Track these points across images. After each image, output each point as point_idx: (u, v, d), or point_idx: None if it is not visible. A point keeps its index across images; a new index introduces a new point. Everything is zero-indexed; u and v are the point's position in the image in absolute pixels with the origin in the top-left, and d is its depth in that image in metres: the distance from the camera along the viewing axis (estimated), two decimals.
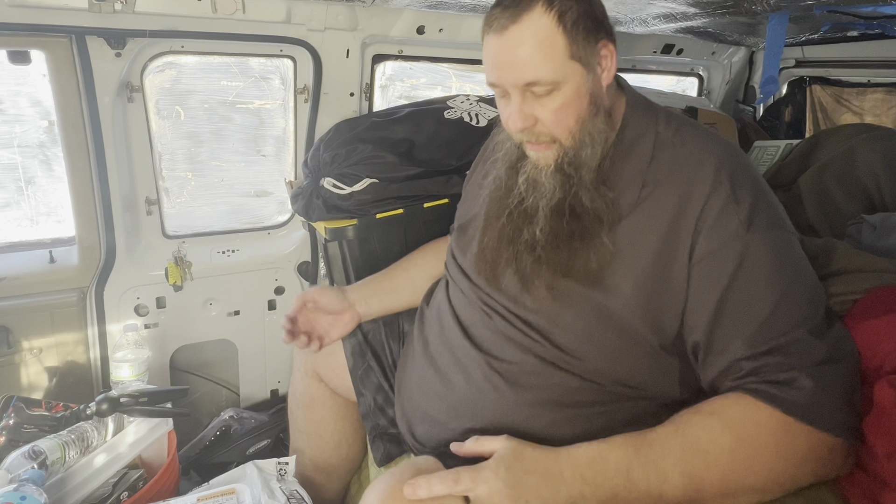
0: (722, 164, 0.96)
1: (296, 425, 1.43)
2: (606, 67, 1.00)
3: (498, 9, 0.94)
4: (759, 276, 0.91)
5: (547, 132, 0.97)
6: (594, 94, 0.97)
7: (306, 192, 1.72)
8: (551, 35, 0.91)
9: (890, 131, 1.78)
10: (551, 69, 0.92)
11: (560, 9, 0.92)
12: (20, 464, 1.09)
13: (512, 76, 0.94)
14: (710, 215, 0.93)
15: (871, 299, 1.01)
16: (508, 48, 0.93)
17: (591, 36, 0.95)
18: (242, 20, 1.59)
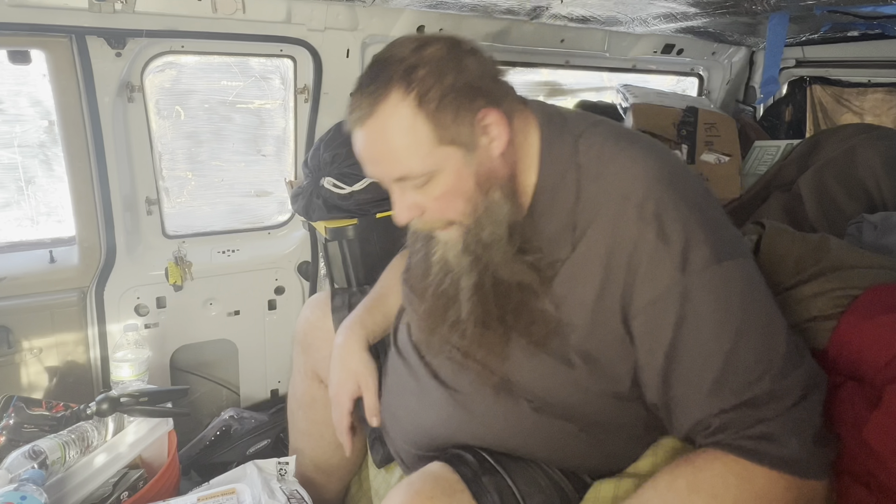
0: (647, 195, 0.84)
1: (296, 426, 1.43)
2: (495, 136, 0.87)
3: (356, 96, 0.86)
4: (703, 325, 0.81)
5: (437, 218, 0.90)
6: (481, 172, 0.87)
7: (306, 191, 1.72)
8: (412, 124, 0.82)
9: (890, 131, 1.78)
10: (419, 161, 0.84)
11: (420, 90, 0.82)
12: (20, 463, 1.09)
13: (381, 171, 0.88)
14: (642, 262, 0.83)
15: (874, 296, 1.00)
16: (370, 143, 0.86)
17: (465, 111, 0.84)
18: (242, 20, 1.59)
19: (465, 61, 0.86)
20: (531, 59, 2.11)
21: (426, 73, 0.83)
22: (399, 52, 0.86)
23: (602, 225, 0.86)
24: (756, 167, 2.03)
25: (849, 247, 1.16)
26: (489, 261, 0.89)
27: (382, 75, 0.84)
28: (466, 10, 1.72)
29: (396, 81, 0.83)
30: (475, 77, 0.86)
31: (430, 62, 0.84)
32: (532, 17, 1.79)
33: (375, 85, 0.84)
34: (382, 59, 0.87)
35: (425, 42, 0.87)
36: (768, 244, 1.15)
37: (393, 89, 0.83)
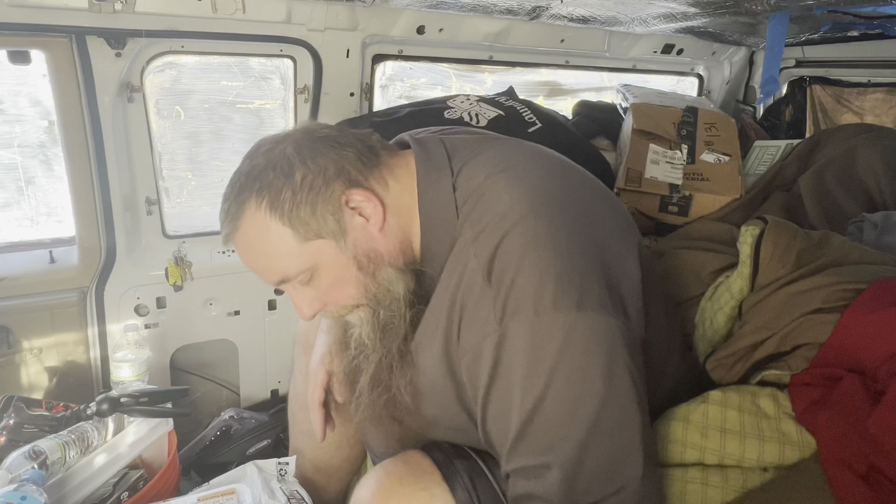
0: (489, 232, 0.79)
1: (297, 426, 1.43)
2: (369, 214, 0.86)
3: (222, 210, 0.89)
4: (512, 376, 0.76)
5: (339, 306, 0.92)
6: (361, 255, 0.86)
7: None
8: (271, 230, 0.84)
9: (890, 131, 1.78)
10: (291, 262, 0.85)
11: (270, 196, 0.83)
12: (20, 464, 1.08)
13: (265, 279, 0.90)
14: (467, 305, 0.80)
15: (878, 290, 1.00)
16: (244, 256, 0.89)
17: (323, 202, 0.83)
18: (242, 20, 1.59)
19: (317, 149, 0.86)
20: (531, 59, 2.11)
21: (274, 175, 0.84)
22: (253, 160, 0.88)
23: (452, 273, 0.84)
24: (756, 167, 2.03)
25: (851, 243, 1.17)
26: (391, 338, 0.89)
27: (237, 187, 0.87)
28: (466, 10, 1.72)
29: (248, 191, 0.85)
30: (330, 163, 0.86)
31: (279, 163, 0.85)
32: (532, 16, 1.79)
33: (233, 198, 0.87)
34: (240, 171, 0.89)
35: (278, 141, 0.88)
36: (770, 238, 1.16)
37: (247, 201, 0.85)
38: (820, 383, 0.96)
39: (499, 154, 0.92)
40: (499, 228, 0.80)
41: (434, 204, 0.88)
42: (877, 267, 1.08)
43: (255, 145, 0.92)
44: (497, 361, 0.77)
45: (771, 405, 0.97)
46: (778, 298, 1.09)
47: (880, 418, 0.83)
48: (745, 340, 1.09)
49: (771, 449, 0.94)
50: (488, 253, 0.79)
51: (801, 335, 1.03)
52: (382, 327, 0.89)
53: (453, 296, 0.83)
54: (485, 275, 0.79)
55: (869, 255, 1.12)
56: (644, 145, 1.91)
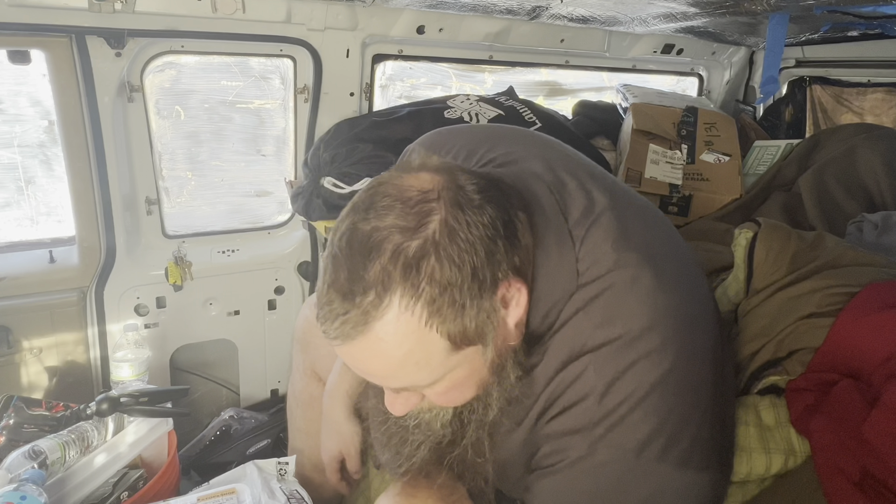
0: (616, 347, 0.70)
1: (295, 424, 1.43)
2: (514, 305, 0.69)
3: (334, 294, 0.62)
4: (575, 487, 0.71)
5: (438, 408, 0.77)
6: (498, 353, 0.70)
7: (306, 191, 1.72)
8: (421, 339, 0.62)
9: (890, 131, 1.78)
10: (427, 374, 0.66)
11: (429, 294, 0.59)
12: (20, 463, 1.08)
13: (375, 381, 0.71)
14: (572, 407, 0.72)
15: (871, 294, 0.99)
16: (362, 360, 0.66)
17: (485, 298, 0.64)
18: (242, 20, 1.59)
19: (478, 219, 0.63)
20: (531, 59, 2.12)
21: (436, 264, 0.60)
22: (390, 232, 0.61)
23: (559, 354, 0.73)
24: (756, 167, 2.03)
25: (845, 245, 1.16)
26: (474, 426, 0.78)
27: (373, 270, 0.60)
28: (466, 10, 1.72)
29: (397, 284, 0.60)
30: (488, 241, 0.63)
31: (437, 245, 0.60)
32: (532, 16, 1.79)
33: (364, 284, 0.60)
34: (368, 243, 0.61)
35: (424, 209, 0.62)
36: (764, 242, 1.15)
37: (394, 297, 0.60)
38: (815, 388, 0.95)
39: (621, 224, 0.77)
40: (629, 351, 0.70)
41: (555, 276, 0.73)
42: (871, 269, 1.07)
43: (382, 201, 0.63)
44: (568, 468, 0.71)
45: (771, 414, 0.96)
46: (773, 303, 1.08)
47: (875, 423, 0.83)
48: (744, 350, 1.09)
49: (777, 460, 0.93)
50: (610, 375, 0.70)
51: (796, 340, 1.03)
52: (464, 420, 0.77)
53: (555, 390, 0.73)
54: (600, 395, 0.69)
55: (863, 256, 1.11)
56: (644, 145, 1.91)
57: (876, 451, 0.82)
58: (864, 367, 0.91)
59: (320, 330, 0.65)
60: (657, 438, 0.69)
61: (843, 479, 0.84)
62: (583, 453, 0.70)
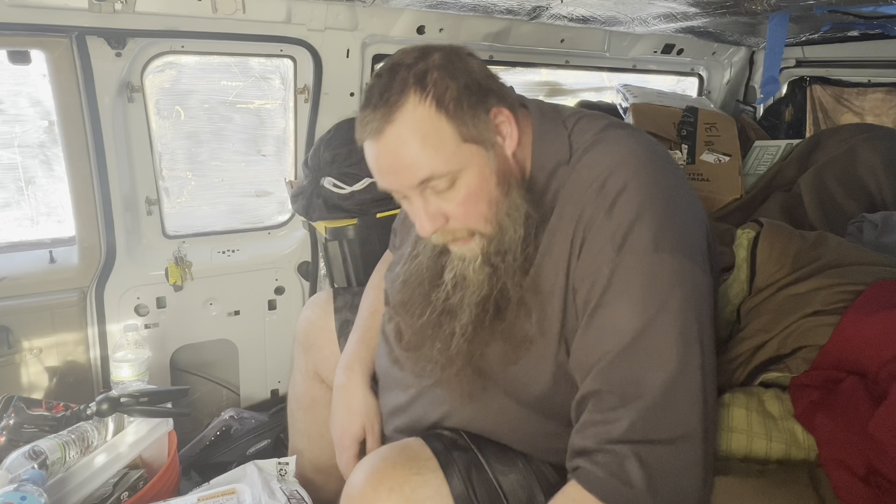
0: (613, 172, 0.85)
1: (296, 426, 1.43)
2: (507, 134, 0.89)
3: (368, 110, 0.85)
4: (619, 304, 0.81)
5: (461, 227, 0.89)
6: (501, 170, 0.88)
7: (307, 191, 1.72)
8: (434, 124, 0.82)
9: (890, 131, 1.78)
10: (444, 160, 0.83)
11: (436, 93, 0.82)
12: (20, 464, 1.08)
13: (404, 179, 0.85)
14: (588, 236, 0.85)
15: (877, 292, 1.00)
16: (391, 151, 0.84)
17: (481, 109, 0.85)
18: (242, 20, 1.59)
19: (469, 63, 0.87)
20: (531, 59, 2.11)
21: (438, 76, 0.84)
22: (405, 60, 0.86)
23: (572, 205, 0.88)
24: (756, 167, 2.03)
25: (847, 244, 1.16)
26: (504, 271, 0.89)
27: (395, 83, 0.84)
28: (466, 10, 1.72)
29: (411, 86, 0.83)
30: (482, 77, 0.87)
31: (439, 66, 0.85)
32: (532, 16, 1.79)
33: (389, 93, 0.83)
34: (389, 69, 0.86)
35: (427, 49, 0.87)
36: (766, 241, 1.16)
37: (409, 94, 0.82)
38: (820, 385, 0.95)
39: (611, 118, 0.98)
40: (620, 174, 0.85)
41: (550, 143, 0.92)
42: (875, 268, 1.08)
43: (400, 51, 0.88)
44: (608, 286, 0.81)
45: (776, 406, 0.97)
46: (776, 301, 1.09)
47: (881, 420, 0.83)
48: (746, 344, 1.09)
49: (777, 448, 0.94)
50: (611, 194, 0.84)
51: (800, 338, 1.03)
52: (500, 256, 0.89)
53: (574, 230, 0.86)
54: (606, 211, 0.83)
55: (866, 255, 1.12)
56: None
57: (881, 447, 0.82)
58: (870, 365, 0.91)
59: (362, 144, 0.87)
60: (664, 235, 0.81)
61: (848, 474, 0.84)
62: (612, 267, 0.81)
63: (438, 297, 0.96)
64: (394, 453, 0.95)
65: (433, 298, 0.97)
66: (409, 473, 0.91)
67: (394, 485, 0.89)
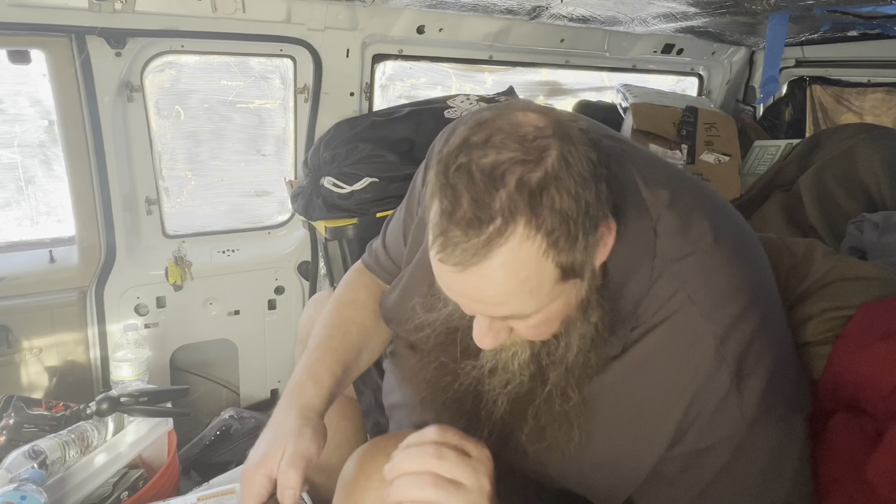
0: (732, 328, 0.73)
1: None
2: (604, 244, 0.70)
3: (453, 226, 0.62)
4: (748, 478, 0.76)
5: (523, 341, 0.76)
6: (588, 290, 0.71)
7: (306, 191, 1.72)
8: (537, 266, 0.63)
9: (890, 131, 1.78)
10: (535, 303, 0.67)
11: (550, 226, 0.61)
12: (20, 463, 1.08)
13: (481, 309, 0.69)
14: (707, 406, 0.73)
15: (867, 317, 0.95)
16: (476, 282, 0.64)
17: (592, 230, 0.65)
18: (242, 20, 1.59)
19: (589, 157, 0.65)
20: (531, 59, 2.11)
21: (555, 195, 0.61)
22: (513, 157, 0.62)
23: (666, 336, 0.75)
24: (756, 167, 2.03)
25: (835, 257, 1.09)
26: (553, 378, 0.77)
27: (498, 201, 0.61)
28: (466, 10, 1.72)
29: (522, 213, 0.60)
30: (597, 179, 0.66)
31: (556, 178, 0.62)
32: (532, 16, 1.79)
33: (489, 213, 0.61)
34: (492, 174, 0.62)
35: (541, 143, 0.63)
36: None
37: (518, 226, 0.60)
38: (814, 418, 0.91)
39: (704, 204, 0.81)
40: (741, 324, 0.73)
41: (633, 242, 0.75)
42: (861, 283, 1.01)
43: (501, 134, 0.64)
44: (734, 460, 0.75)
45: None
46: None
47: (879, 465, 0.79)
48: None
49: None
50: (734, 350, 0.73)
51: None
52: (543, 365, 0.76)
53: (671, 372, 0.74)
54: (732, 378, 0.72)
55: (850, 269, 1.05)
56: (644, 145, 1.91)
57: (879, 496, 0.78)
58: (866, 402, 0.87)
59: (435, 260, 0.65)
60: (780, 394, 0.75)
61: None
62: (738, 441, 0.74)
63: (468, 373, 0.82)
64: (388, 442, 0.93)
65: (460, 373, 0.83)
66: None
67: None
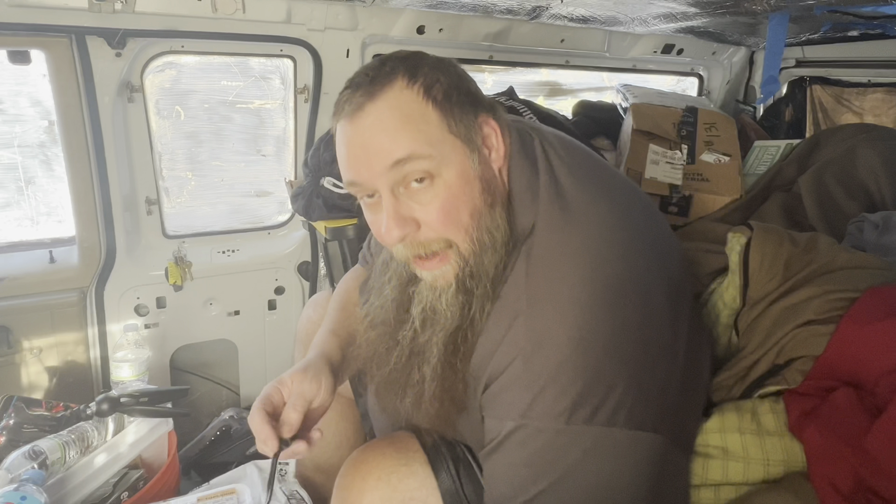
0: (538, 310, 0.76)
1: None
2: (493, 147, 0.82)
3: (347, 92, 0.79)
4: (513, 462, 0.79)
5: (436, 237, 0.78)
6: (486, 179, 0.79)
7: (306, 191, 1.72)
8: (420, 108, 0.76)
9: (890, 131, 1.78)
10: (425, 141, 0.75)
11: (426, 82, 0.77)
12: (20, 464, 1.09)
13: (376, 160, 0.76)
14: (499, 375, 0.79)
15: (873, 299, 0.97)
16: (367, 129, 0.76)
17: (469, 110, 0.79)
18: (242, 20, 1.60)
19: (460, 70, 0.84)
20: (531, 59, 2.12)
21: (428, 69, 0.79)
22: (396, 55, 0.82)
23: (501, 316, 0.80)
24: (756, 167, 2.03)
25: (838, 247, 1.14)
26: (475, 299, 0.80)
27: (383, 68, 0.78)
28: (466, 10, 1.72)
29: (400, 72, 0.78)
30: (474, 87, 0.83)
31: (431, 63, 0.81)
32: (532, 16, 1.79)
33: (375, 74, 0.78)
34: (379, 60, 0.82)
35: (420, 52, 0.84)
36: (757, 248, 1.14)
37: (397, 78, 0.77)
38: (814, 394, 0.94)
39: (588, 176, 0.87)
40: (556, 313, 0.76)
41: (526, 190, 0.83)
42: (866, 272, 1.04)
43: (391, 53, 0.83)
44: (502, 443, 0.79)
45: (772, 420, 0.95)
46: (771, 316, 1.06)
47: (879, 436, 0.81)
48: (743, 362, 1.08)
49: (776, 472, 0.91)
50: (538, 333, 0.76)
51: (795, 348, 1.01)
52: (475, 281, 0.79)
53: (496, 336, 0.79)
54: (526, 358, 0.76)
55: (856, 258, 1.09)
56: (644, 145, 1.91)
57: (877, 463, 0.80)
58: (867, 377, 0.89)
59: (338, 124, 0.80)
60: (581, 401, 0.74)
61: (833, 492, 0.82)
62: (515, 425, 0.77)
63: (406, 335, 0.87)
64: (384, 445, 0.96)
65: (400, 338, 0.88)
66: (396, 464, 0.92)
67: (381, 475, 0.91)
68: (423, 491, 0.92)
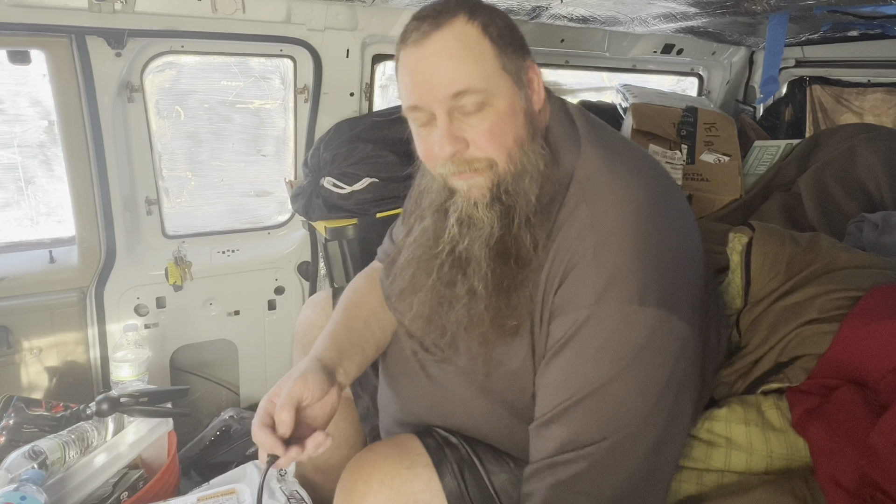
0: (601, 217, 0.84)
1: None
2: (535, 90, 0.91)
3: (414, 22, 0.89)
4: (582, 355, 0.81)
5: (481, 156, 0.86)
6: (529, 114, 0.89)
7: (306, 191, 1.72)
8: (478, 42, 0.85)
9: (890, 131, 1.78)
10: (482, 76, 0.84)
11: (483, 20, 0.86)
12: (20, 464, 1.09)
13: (438, 89, 0.84)
14: (570, 272, 0.83)
15: (877, 298, 0.98)
16: (432, 55, 0.85)
17: (519, 52, 0.89)
18: (242, 20, 1.60)
19: (510, 18, 0.91)
20: None
21: (486, 10, 0.88)
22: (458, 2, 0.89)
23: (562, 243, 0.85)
24: (756, 167, 2.03)
25: (839, 246, 1.15)
26: (517, 214, 0.86)
27: (448, 5, 0.87)
28: None
29: (463, 10, 0.86)
30: (519, 31, 0.91)
31: (486, 5, 0.89)
32: (532, 16, 1.79)
33: (441, 9, 0.87)
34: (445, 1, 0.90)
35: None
36: (759, 248, 1.14)
37: (460, 14, 0.85)
38: (818, 392, 0.94)
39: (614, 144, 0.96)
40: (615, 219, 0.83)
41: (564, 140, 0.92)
42: (869, 271, 1.06)
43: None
44: (575, 335, 0.81)
45: (776, 416, 0.96)
46: (773, 314, 1.07)
47: (883, 433, 0.82)
48: (746, 360, 1.08)
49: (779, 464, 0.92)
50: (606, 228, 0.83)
51: (798, 346, 1.02)
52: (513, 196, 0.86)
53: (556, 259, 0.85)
54: (591, 253, 0.82)
55: (858, 258, 1.10)
56: (644, 145, 1.91)
57: (881, 459, 0.80)
58: (871, 374, 0.89)
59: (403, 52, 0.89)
60: (647, 285, 0.80)
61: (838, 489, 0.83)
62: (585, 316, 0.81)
63: (444, 246, 0.91)
64: (386, 447, 0.96)
65: (439, 251, 0.91)
66: (399, 467, 0.92)
67: (384, 478, 0.91)
68: (428, 493, 0.91)
